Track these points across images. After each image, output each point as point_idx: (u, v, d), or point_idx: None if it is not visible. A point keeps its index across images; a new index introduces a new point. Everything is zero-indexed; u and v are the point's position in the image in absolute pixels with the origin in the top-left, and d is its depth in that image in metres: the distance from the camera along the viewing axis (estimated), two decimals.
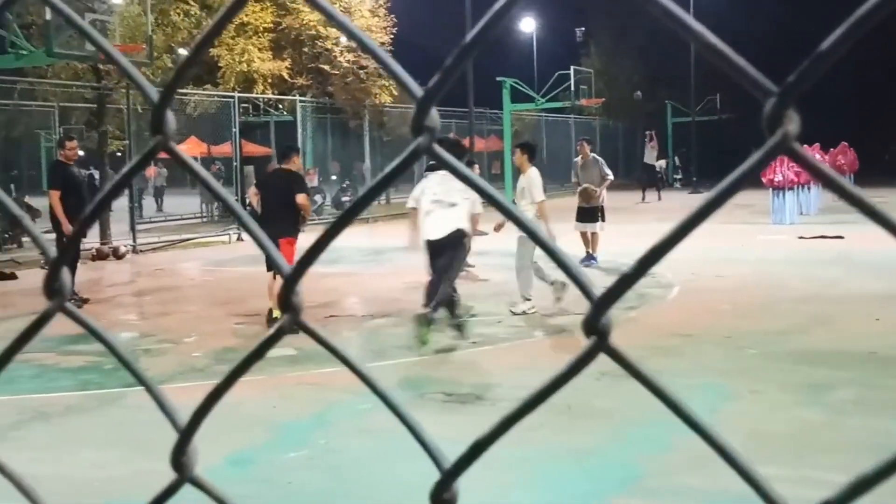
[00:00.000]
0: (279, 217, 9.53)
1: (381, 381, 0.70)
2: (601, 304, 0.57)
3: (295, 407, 6.70)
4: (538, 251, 10.21)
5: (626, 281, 0.55)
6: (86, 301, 11.68)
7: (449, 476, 0.64)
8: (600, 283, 0.58)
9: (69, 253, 0.70)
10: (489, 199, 0.59)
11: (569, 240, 14.00)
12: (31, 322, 0.70)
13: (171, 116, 0.65)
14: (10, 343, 0.72)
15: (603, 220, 14.81)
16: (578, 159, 15.53)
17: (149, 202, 31.58)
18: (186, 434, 0.71)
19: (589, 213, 14.55)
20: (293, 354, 8.57)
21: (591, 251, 14.72)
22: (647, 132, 35.86)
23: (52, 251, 0.68)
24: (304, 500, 5.03)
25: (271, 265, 10.43)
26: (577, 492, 5.04)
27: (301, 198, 9.94)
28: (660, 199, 32.19)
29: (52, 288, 0.68)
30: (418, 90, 0.59)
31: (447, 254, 8.97)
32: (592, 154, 15.40)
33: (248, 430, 5.99)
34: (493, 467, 5.42)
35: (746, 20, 45.43)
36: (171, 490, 0.72)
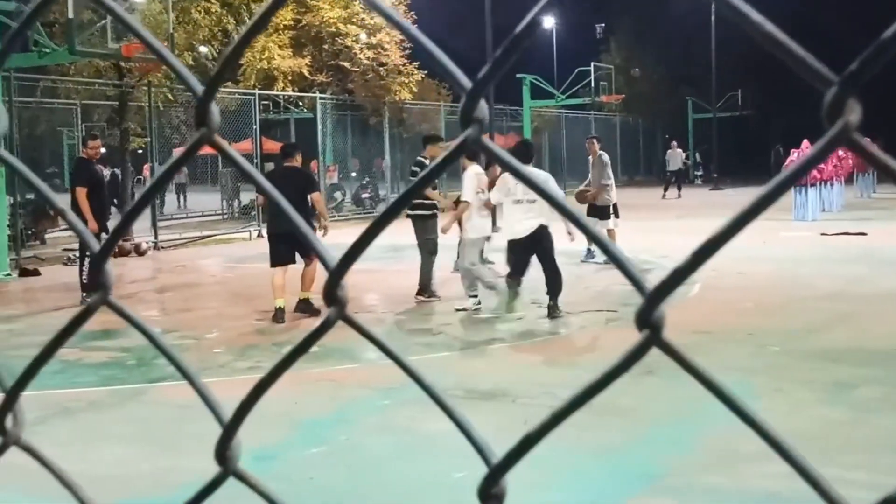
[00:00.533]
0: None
1: (428, 377, 0.68)
2: (654, 298, 0.55)
3: (316, 403, 6.71)
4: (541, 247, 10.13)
5: (680, 274, 0.54)
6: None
7: (497, 471, 0.63)
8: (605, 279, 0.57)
9: (111, 248, 0.69)
10: (538, 192, 0.57)
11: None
12: (75, 315, 0.69)
13: (215, 110, 0.64)
14: (54, 335, 0.71)
15: (616, 216, 14.74)
16: (591, 157, 15.46)
17: (170, 199, 31.75)
18: (230, 428, 0.70)
19: (599, 209, 14.46)
20: (314, 351, 8.56)
21: (590, 248, 14.53)
22: (672, 140, 35.67)
23: (96, 246, 0.67)
24: (325, 496, 5.03)
25: (277, 260, 10.67)
26: (599, 489, 5.01)
27: (316, 195, 10.48)
28: (679, 195, 32.03)
29: (96, 281, 0.67)
30: (467, 81, 0.58)
31: (540, 249, 9.97)
32: (601, 153, 15.26)
33: (270, 426, 5.99)
34: (514, 468, 5.40)
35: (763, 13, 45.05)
36: (215, 483, 0.71)
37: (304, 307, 10.44)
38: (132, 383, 7.62)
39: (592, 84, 35.66)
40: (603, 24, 49.48)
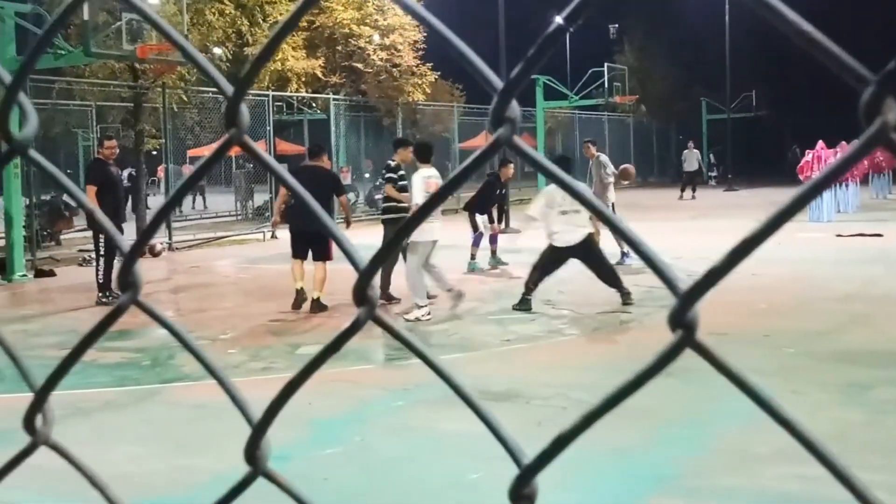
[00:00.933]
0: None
1: (459, 377, 0.68)
2: (688, 298, 0.55)
3: (331, 404, 6.71)
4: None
5: (715, 275, 0.53)
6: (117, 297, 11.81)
7: (529, 471, 0.62)
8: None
9: (141, 248, 0.69)
10: (572, 194, 0.57)
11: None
12: (106, 314, 0.69)
13: (244, 110, 0.64)
14: (86, 334, 0.71)
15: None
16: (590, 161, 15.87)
17: (187, 200, 31.82)
18: (260, 428, 0.70)
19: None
20: None
21: (626, 252, 14.67)
22: (689, 141, 35.56)
23: (126, 245, 0.67)
24: (340, 497, 5.04)
25: (297, 254, 10.88)
26: (614, 491, 5.00)
27: (343, 199, 11.12)
28: (694, 196, 31.92)
29: (126, 281, 0.67)
30: (498, 81, 0.58)
31: (592, 256, 10.60)
32: (598, 154, 15.62)
33: (285, 426, 5.98)
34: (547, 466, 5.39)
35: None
36: (244, 483, 0.71)
37: (317, 307, 10.69)
38: (147, 384, 7.64)
39: (606, 85, 35.56)
40: (616, 25, 49.34)
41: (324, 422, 6.31)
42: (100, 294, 11.82)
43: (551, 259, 10.59)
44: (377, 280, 0.66)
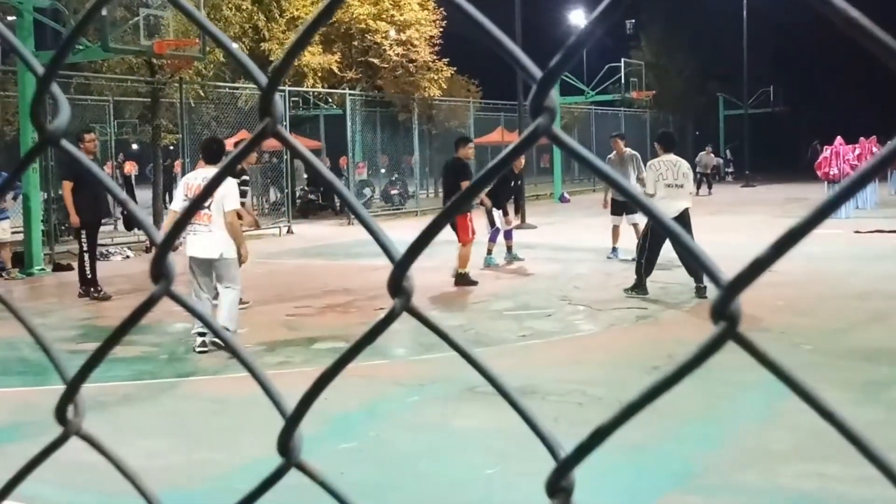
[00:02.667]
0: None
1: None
2: (731, 290, 0.54)
3: (346, 399, 6.73)
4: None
5: (760, 265, 0.53)
6: (108, 298, 11.82)
7: (567, 464, 0.62)
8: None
9: (174, 239, 0.70)
10: (609, 182, 0.57)
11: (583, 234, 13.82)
12: (139, 304, 0.70)
13: (278, 100, 0.64)
14: (118, 325, 0.72)
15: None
16: (612, 155, 15.28)
17: None
18: (293, 420, 0.70)
19: (624, 205, 14.39)
20: (343, 347, 8.60)
21: (615, 245, 14.63)
22: (708, 145, 35.45)
23: (158, 237, 0.68)
24: (355, 492, 5.00)
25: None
26: (630, 487, 4.99)
27: (464, 184, 11.80)
28: (710, 192, 31.81)
29: (158, 272, 0.68)
30: (537, 71, 0.58)
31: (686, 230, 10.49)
32: (628, 149, 15.20)
33: (301, 422, 6.02)
34: (544, 462, 5.38)
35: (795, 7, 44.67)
36: (277, 474, 0.71)
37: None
38: (164, 377, 7.68)
39: (622, 80, 35.46)
40: (633, 20, 49.16)
41: (339, 417, 6.33)
42: (82, 287, 11.85)
43: (653, 235, 10.90)
44: (413, 271, 0.67)
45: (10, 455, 5.24)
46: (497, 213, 14.20)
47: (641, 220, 14.47)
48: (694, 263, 0.55)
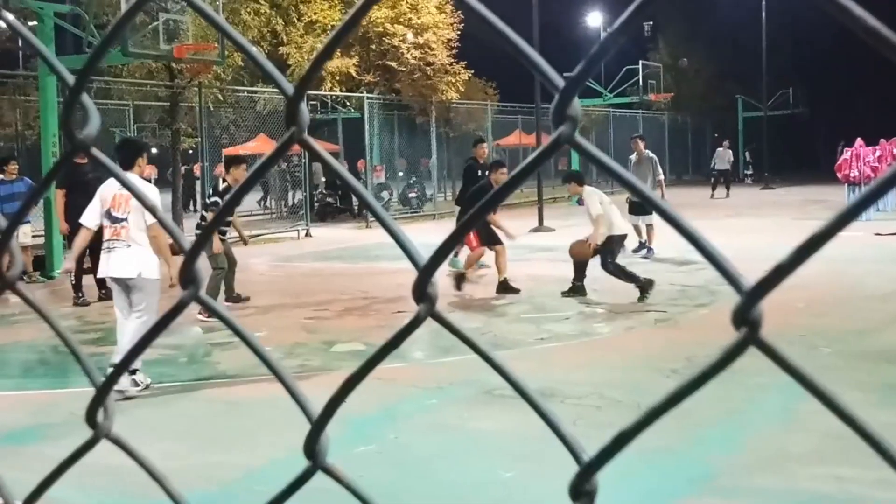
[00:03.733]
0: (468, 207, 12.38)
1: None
2: (753, 295, 0.55)
3: (365, 402, 6.75)
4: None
5: (781, 271, 0.54)
6: (109, 298, 11.87)
7: (590, 468, 0.63)
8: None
9: (203, 244, 0.71)
10: (632, 189, 0.58)
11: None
12: (168, 309, 0.71)
13: (304, 108, 0.66)
14: (149, 329, 0.73)
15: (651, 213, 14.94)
16: (633, 156, 15.50)
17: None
18: (320, 423, 0.71)
19: (640, 205, 14.50)
20: (362, 349, 8.64)
21: (645, 242, 15.00)
22: (725, 140, 35.29)
23: (187, 242, 0.70)
24: (373, 495, 5.05)
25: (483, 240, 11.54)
26: (647, 490, 4.99)
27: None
28: (728, 195, 31.64)
29: (188, 278, 0.69)
30: (560, 80, 0.59)
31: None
32: (647, 151, 15.56)
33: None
34: (562, 466, 5.38)
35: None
36: (304, 477, 0.73)
37: (503, 288, 11.87)
38: (182, 380, 7.73)
39: (640, 82, 35.39)
40: (651, 22, 49.05)
41: (358, 419, 6.35)
42: (76, 295, 11.87)
43: (613, 247, 11.12)
44: (437, 277, 0.68)
45: (30, 456, 5.29)
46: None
47: (656, 220, 14.59)
48: (719, 270, 0.56)
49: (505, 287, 11.80)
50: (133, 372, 7.06)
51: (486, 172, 13.91)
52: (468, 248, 12.03)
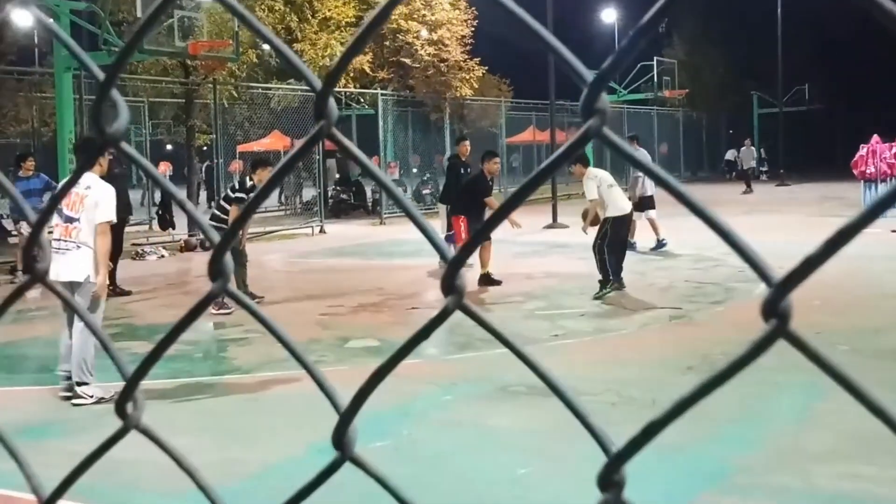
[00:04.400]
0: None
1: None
2: (782, 287, 0.55)
3: (379, 398, 6.70)
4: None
5: (811, 263, 0.53)
6: (128, 293, 11.99)
7: (619, 458, 0.63)
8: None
9: (231, 239, 0.71)
10: (660, 182, 0.57)
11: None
12: (198, 301, 0.71)
13: (333, 103, 0.65)
14: (178, 320, 0.73)
15: (653, 208, 15.36)
16: None
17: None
18: (348, 414, 0.71)
19: (641, 201, 14.99)
20: (376, 345, 8.66)
21: (662, 240, 15.27)
22: (746, 139, 35.19)
23: (216, 236, 0.69)
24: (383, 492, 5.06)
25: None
26: (665, 488, 4.97)
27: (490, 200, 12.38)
28: (750, 190, 31.54)
29: (216, 270, 0.69)
30: (588, 74, 0.59)
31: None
32: (641, 149, 16.40)
33: (333, 420, 6.05)
34: (577, 462, 5.37)
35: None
36: (332, 468, 0.73)
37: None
38: (200, 376, 7.75)
39: (655, 79, 35.29)
40: (666, 18, 48.83)
41: (372, 415, 6.36)
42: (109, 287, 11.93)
43: (617, 230, 11.18)
44: (464, 270, 0.67)
45: (49, 451, 5.31)
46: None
47: (655, 216, 14.86)
48: (748, 263, 0.55)
49: (487, 280, 11.95)
50: (80, 384, 6.93)
51: (469, 169, 14.24)
52: (456, 243, 12.01)
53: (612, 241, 11.05)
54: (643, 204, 15.01)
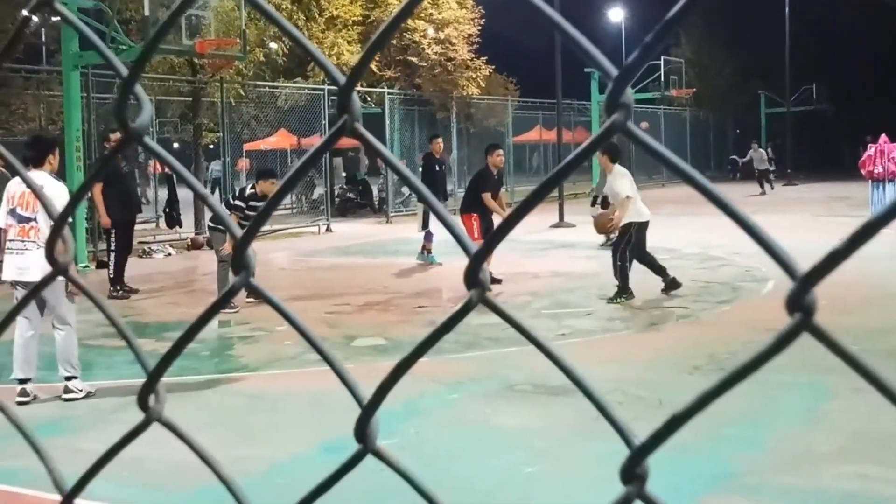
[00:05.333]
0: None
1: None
2: (807, 281, 0.55)
3: (386, 396, 6.77)
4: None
5: (836, 257, 0.53)
6: (135, 291, 12.01)
7: (642, 451, 0.63)
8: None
9: (254, 234, 0.71)
10: (686, 178, 0.57)
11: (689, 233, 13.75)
12: (219, 296, 0.72)
13: (356, 99, 0.65)
14: (199, 316, 0.74)
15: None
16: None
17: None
18: (370, 407, 0.72)
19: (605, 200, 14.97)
20: (383, 344, 8.66)
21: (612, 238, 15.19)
22: (753, 142, 35.09)
23: (239, 230, 0.70)
24: (396, 489, 5.06)
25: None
26: (671, 487, 4.96)
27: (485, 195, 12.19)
28: (773, 187, 31.47)
29: (239, 263, 0.69)
30: (613, 69, 0.58)
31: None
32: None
33: (340, 418, 6.04)
34: (585, 461, 5.37)
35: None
36: (354, 460, 0.73)
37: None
38: (206, 373, 7.76)
39: (662, 78, 35.24)
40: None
41: (379, 413, 6.36)
42: (111, 288, 11.96)
43: (640, 236, 10.82)
44: (487, 264, 0.67)
45: (57, 448, 5.32)
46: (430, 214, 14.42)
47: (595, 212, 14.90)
48: (772, 257, 0.55)
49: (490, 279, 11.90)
50: (69, 378, 7.01)
51: (442, 166, 14.69)
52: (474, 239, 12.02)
53: (634, 247, 10.74)
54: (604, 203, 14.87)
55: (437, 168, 14.58)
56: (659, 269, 10.83)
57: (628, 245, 10.66)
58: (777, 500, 4.83)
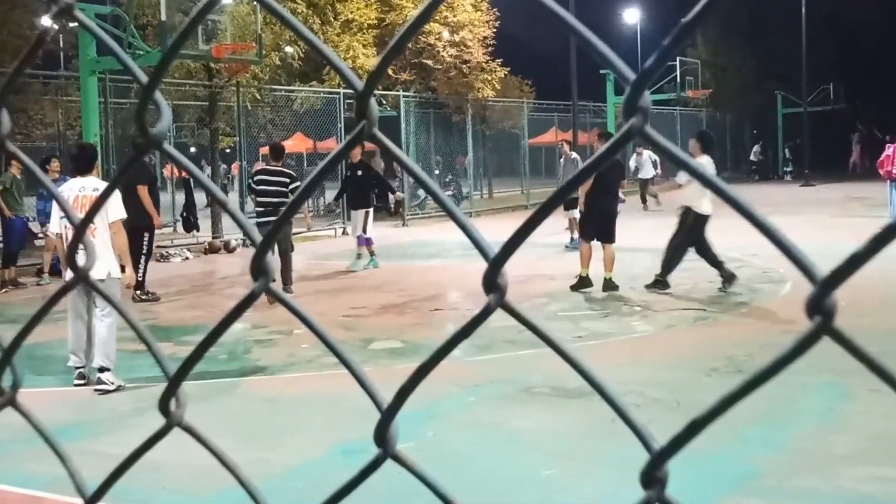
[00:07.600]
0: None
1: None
2: (827, 284, 0.55)
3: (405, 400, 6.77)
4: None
5: (857, 260, 0.53)
6: (157, 299, 12.05)
7: (662, 455, 0.63)
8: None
9: (274, 238, 0.72)
10: (699, 178, 0.57)
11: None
12: (239, 301, 0.72)
13: (374, 104, 0.66)
14: (220, 319, 0.74)
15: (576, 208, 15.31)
16: (562, 158, 18.63)
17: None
18: (390, 412, 0.72)
19: (572, 200, 14.83)
20: (399, 347, 8.67)
21: (573, 236, 15.77)
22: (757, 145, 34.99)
23: (258, 235, 0.70)
24: (413, 491, 5.06)
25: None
26: (689, 491, 4.94)
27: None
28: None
29: (258, 268, 0.70)
30: (630, 73, 0.59)
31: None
32: (573, 153, 18.33)
33: (357, 420, 6.05)
34: (602, 464, 5.36)
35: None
36: (375, 464, 0.73)
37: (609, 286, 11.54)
38: (223, 377, 7.79)
39: (678, 79, 35.14)
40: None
41: (397, 417, 6.37)
42: (137, 292, 12.01)
43: (701, 228, 11.05)
44: (506, 268, 0.68)
45: (75, 453, 5.36)
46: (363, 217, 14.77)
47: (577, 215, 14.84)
48: (793, 261, 0.55)
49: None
50: (103, 370, 7.30)
51: (358, 172, 15.05)
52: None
53: (688, 239, 10.98)
54: (570, 203, 14.71)
55: (349, 173, 15.26)
56: (716, 263, 11.03)
57: (685, 234, 11.02)
58: (795, 502, 4.81)
